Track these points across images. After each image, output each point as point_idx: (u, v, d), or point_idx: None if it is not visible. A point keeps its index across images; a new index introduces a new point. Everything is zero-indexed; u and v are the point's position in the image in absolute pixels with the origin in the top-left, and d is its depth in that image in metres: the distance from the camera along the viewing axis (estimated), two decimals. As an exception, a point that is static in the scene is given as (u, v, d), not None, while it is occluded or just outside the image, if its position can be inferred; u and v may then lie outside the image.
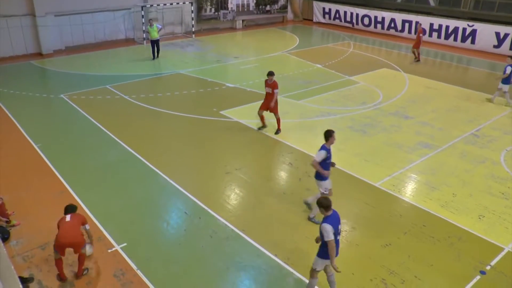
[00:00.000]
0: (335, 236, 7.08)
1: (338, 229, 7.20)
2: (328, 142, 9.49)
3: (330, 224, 7.01)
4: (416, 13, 29.74)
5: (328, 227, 6.97)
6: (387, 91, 18.74)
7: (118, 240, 9.14)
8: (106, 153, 12.99)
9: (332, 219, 7.11)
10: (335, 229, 7.06)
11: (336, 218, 7.18)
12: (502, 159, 13.02)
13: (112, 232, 9.40)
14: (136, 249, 8.90)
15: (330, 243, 6.98)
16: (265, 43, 28.38)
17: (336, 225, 7.13)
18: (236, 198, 10.90)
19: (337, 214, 7.29)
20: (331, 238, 6.96)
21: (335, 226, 7.07)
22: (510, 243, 9.33)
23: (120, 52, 25.50)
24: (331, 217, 7.13)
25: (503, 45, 25.78)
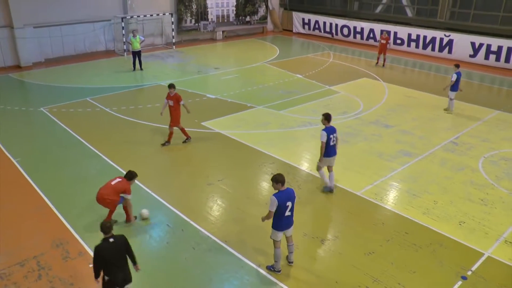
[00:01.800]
0: (284, 212, 8.02)
1: (286, 204, 8.00)
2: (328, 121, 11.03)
3: (277, 198, 7.87)
4: (394, 23, 30.23)
5: (274, 200, 7.88)
6: (367, 101, 18.94)
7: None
8: (86, 166, 12.85)
9: (282, 194, 7.95)
10: (282, 204, 7.93)
11: (286, 194, 8.01)
12: (480, 166, 13.24)
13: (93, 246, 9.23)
14: (118, 263, 8.78)
15: (269, 213, 8.03)
16: (246, 54, 28.50)
17: (285, 201, 7.97)
18: (218, 209, 10.86)
19: (291, 191, 8.15)
20: (271, 209, 7.95)
21: (282, 202, 7.92)
22: (489, 248, 9.47)
23: (101, 64, 25.33)
24: (282, 192, 7.98)
25: (478, 54, 26.35)
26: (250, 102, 18.43)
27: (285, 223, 8.23)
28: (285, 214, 8.10)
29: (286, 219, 8.19)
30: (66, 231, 9.77)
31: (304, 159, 13.61)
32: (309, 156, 13.77)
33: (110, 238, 7.03)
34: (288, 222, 8.27)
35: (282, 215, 8.07)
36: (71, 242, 9.39)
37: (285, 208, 8.03)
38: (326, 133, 10.86)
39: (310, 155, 13.86)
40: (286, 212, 8.08)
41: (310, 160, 13.47)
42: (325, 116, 10.99)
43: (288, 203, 8.04)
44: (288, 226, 8.32)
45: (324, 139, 10.84)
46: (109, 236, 7.05)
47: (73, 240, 9.43)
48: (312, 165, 13.06)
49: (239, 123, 16.23)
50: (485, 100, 19.70)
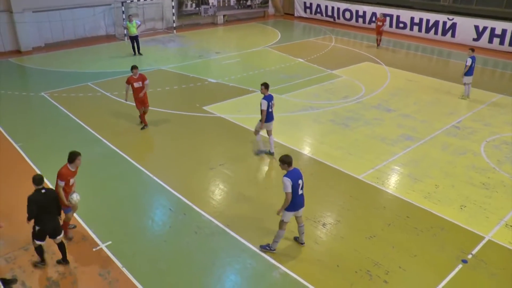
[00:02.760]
0: (297, 190, 8.11)
1: (298, 183, 8.12)
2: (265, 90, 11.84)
3: (289, 178, 7.96)
4: (397, 7, 29.95)
5: (287, 180, 7.95)
6: (369, 85, 18.86)
7: (103, 238, 9.06)
8: (88, 151, 12.82)
9: (292, 174, 8.06)
10: (294, 183, 8.00)
11: (296, 174, 8.13)
12: (482, 150, 13.23)
13: (96, 230, 9.32)
14: (121, 247, 8.84)
15: (287, 195, 8.00)
16: (247, 38, 28.33)
17: (296, 180, 8.07)
18: (220, 193, 10.89)
19: (298, 170, 8.26)
20: (288, 190, 7.97)
21: (294, 181, 8.01)
22: (490, 232, 9.50)
23: (101, 48, 25.21)
24: (291, 173, 8.08)
25: (482, 38, 26.15)
26: (252, 86, 18.37)
27: (299, 202, 8.33)
28: (299, 193, 8.23)
29: (300, 198, 8.32)
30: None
31: (306, 143, 13.60)
32: (310, 140, 13.76)
33: (42, 189, 7.64)
34: (301, 201, 8.40)
35: (296, 194, 8.17)
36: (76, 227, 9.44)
37: (297, 186, 8.15)
38: (266, 101, 11.82)
39: (311, 139, 13.86)
40: (299, 191, 8.21)
41: (312, 144, 13.47)
42: (264, 85, 11.93)
43: (299, 181, 8.18)
44: (302, 205, 8.45)
45: (264, 107, 11.78)
46: (41, 187, 7.64)
47: (77, 225, 9.47)
48: (314, 150, 13.07)
49: (241, 107, 16.19)
50: (488, 84, 19.61)
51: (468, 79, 17.06)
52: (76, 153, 8.50)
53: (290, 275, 8.16)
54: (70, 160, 8.47)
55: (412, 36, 29.02)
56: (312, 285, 7.93)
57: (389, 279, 8.13)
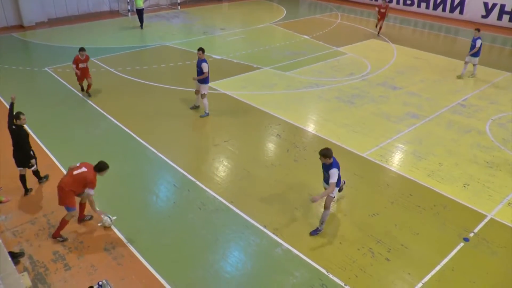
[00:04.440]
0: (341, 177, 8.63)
1: None
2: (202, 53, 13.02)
3: (337, 168, 8.23)
4: (404, -18, 29.49)
5: (336, 171, 8.18)
6: (375, 62, 18.70)
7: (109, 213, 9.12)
8: (93, 127, 12.89)
9: (337, 163, 8.35)
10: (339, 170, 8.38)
11: (338, 163, 8.42)
12: (487, 128, 13.17)
13: (101, 206, 9.36)
14: (126, 223, 8.93)
15: (332, 186, 8.19)
16: (252, 15, 28.03)
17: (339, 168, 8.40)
18: (224, 170, 10.93)
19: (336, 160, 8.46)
20: (334, 180, 8.17)
21: (339, 168, 8.39)
22: (492, 210, 9.53)
23: (105, 24, 25.03)
24: (336, 163, 8.36)
25: (491, 15, 25.77)
26: (257, 63, 18.25)
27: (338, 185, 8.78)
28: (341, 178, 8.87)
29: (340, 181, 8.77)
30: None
31: (310, 120, 13.57)
32: (315, 118, 13.73)
33: None
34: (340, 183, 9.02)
35: (340, 180, 8.67)
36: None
37: None
38: (207, 64, 13.03)
39: (316, 116, 13.82)
40: None
41: (316, 122, 13.44)
42: (202, 50, 13.07)
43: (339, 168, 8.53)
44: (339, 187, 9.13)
45: (206, 69, 12.94)
46: None
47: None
48: (318, 127, 13.05)
49: (245, 84, 16.13)
50: (496, 62, 19.41)
51: (476, 60, 16.87)
52: (107, 166, 8.32)
53: (293, 251, 8.24)
54: (99, 170, 8.30)
55: (419, 13, 28.61)
56: (314, 262, 8.01)
57: (391, 257, 8.20)
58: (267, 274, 7.81)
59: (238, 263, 8.00)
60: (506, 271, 7.99)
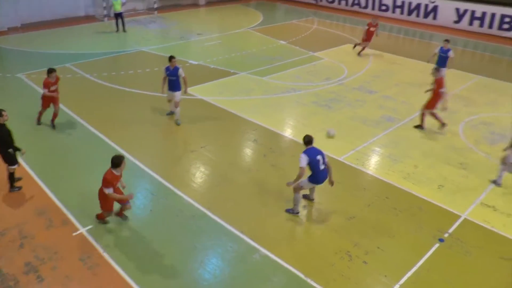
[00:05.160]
0: (317, 166, 8.75)
1: (316, 158, 8.73)
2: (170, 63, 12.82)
3: (306, 154, 8.67)
4: (379, -12, 29.91)
5: (302, 156, 8.66)
6: (351, 67, 18.89)
7: (83, 223, 8.99)
8: (68, 134, 12.69)
9: (309, 151, 8.76)
10: (313, 158, 8.69)
11: (313, 151, 8.80)
12: (461, 130, 13.40)
13: (76, 215, 9.24)
14: (102, 231, 8.80)
15: (300, 169, 8.64)
16: (229, 20, 28.06)
17: (314, 156, 8.73)
18: (201, 176, 10.87)
19: (316, 148, 8.88)
20: (301, 165, 8.63)
21: (312, 156, 8.69)
22: (466, 211, 9.70)
23: (80, 29, 24.72)
24: (308, 150, 8.77)
25: (463, 20, 26.34)
26: (233, 68, 18.26)
27: (322, 176, 8.95)
28: (320, 167, 8.81)
29: (322, 172, 8.91)
30: (49, 199, 9.71)
31: (287, 125, 13.62)
32: (292, 122, 13.78)
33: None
34: (324, 175, 9.00)
35: (317, 169, 8.81)
36: (54, 211, 9.35)
37: (317, 162, 8.75)
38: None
39: (293, 121, 13.88)
40: (320, 166, 8.79)
41: (293, 126, 13.50)
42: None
43: (318, 156, 8.77)
44: (325, 178, 9.05)
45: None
46: None
47: (56, 209, 9.39)
48: (296, 131, 13.10)
49: (222, 89, 16.11)
50: (468, 65, 19.78)
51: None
52: (121, 156, 8.26)
53: (271, 257, 8.23)
54: (115, 165, 8.19)
55: (395, 19, 29.05)
56: (292, 267, 8.01)
57: (368, 260, 8.25)
58: (245, 280, 7.78)
59: (216, 270, 7.95)
60: (480, 270, 8.13)
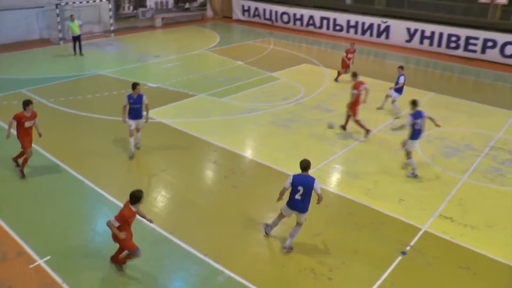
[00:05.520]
0: (294, 192, 8.53)
1: (297, 188, 8.49)
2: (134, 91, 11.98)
3: (292, 177, 8.59)
4: (333, 10, 30.70)
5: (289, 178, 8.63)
6: (308, 86, 19.19)
7: (41, 253, 8.65)
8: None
9: (297, 176, 8.59)
10: (295, 185, 8.50)
11: (301, 179, 8.55)
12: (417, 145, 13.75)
13: (34, 245, 8.88)
14: (62, 262, 8.49)
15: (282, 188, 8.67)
16: (186, 41, 28.11)
17: (298, 183, 8.49)
18: (163, 200, 10.72)
19: (307, 178, 8.57)
20: (285, 185, 8.63)
21: (296, 183, 8.50)
22: (426, 223, 9.95)
23: (36, 53, 24.15)
24: (298, 175, 8.60)
25: (414, 39, 27.32)
26: (192, 90, 18.24)
27: (293, 204, 8.68)
28: (295, 196, 8.58)
29: (295, 201, 8.63)
30: (2, 231, 9.33)
31: (247, 146, 13.66)
32: (251, 143, 13.84)
33: None
34: (296, 205, 8.66)
35: (292, 196, 8.61)
36: (8, 243, 8.97)
37: (295, 189, 8.54)
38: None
39: (252, 141, 13.94)
40: (295, 195, 8.56)
41: (253, 147, 13.55)
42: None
43: (299, 187, 8.49)
44: (295, 208, 8.71)
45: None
46: None
47: (11, 240, 9.01)
48: (255, 152, 13.16)
49: (181, 111, 16.03)
50: (421, 83, 20.46)
51: (397, 96, 16.23)
52: (141, 191, 7.84)
53: (235, 278, 8.15)
54: (134, 200, 7.72)
55: (349, 38, 29.70)
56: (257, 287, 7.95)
57: (333, 276, 8.30)
58: (210, 304, 7.66)
59: (180, 295, 7.81)
60: (441, 280, 8.34)
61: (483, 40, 24.71)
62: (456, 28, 25.63)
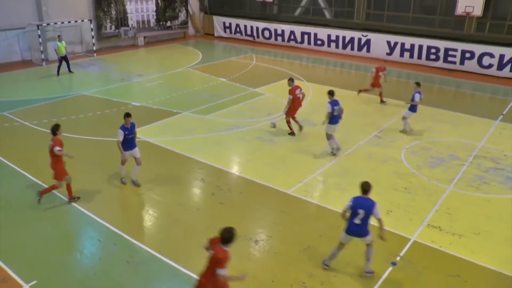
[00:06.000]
0: (353, 216, 8.30)
1: (357, 211, 8.26)
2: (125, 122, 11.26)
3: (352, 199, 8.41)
4: (314, 25, 31.02)
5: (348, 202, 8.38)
6: (293, 101, 19.23)
7: (27, 278, 8.46)
8: (7, 186, 12.08)
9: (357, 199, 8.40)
10: (355, 208, 8.27)
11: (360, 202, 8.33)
12: (403, 156, 13.90)
13: (19, 270, 8.69)
14: (48, 285, 8.34)
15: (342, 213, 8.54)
16: (168, 59, 28.15)
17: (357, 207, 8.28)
18: (150, 219, 10.62)
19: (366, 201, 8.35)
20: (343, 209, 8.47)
21: (355, 206, 8.28)
22: (415, 233, 10.00)
23: (17, 74, 23.93)
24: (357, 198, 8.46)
25: (394, 52, 27.70)
26: (176, 108, 18.21)
27: (352, 230, 8.39)
28: (354, 221, 8.28)
29: (353, 226, 8.34)
30: (-14, 255, 9.15)
31: (233, 162, 13.64)
32: (237, 159, 13.83)
33: None
34: (355, 229, 8.37)
35: (351, 220, 8.32)
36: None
37: (356, 213, 8.26)
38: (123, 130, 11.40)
39: (238, 157, 13.93)
40: (355, 219, 8.27)
41: (239, 163, 13.54)
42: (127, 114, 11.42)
43: (359, 210, 8.22)
44: (354, 233, 8.42)
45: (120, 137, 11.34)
46: None
47: (-5, 265, 8.85)
48: (242, 168, 13.15)
49: (166, 130, 15.97)
50: (403, 94, 20.63)
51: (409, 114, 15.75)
52: (233, 229, 7.01)
53: (227, 295, 8.06)
54: (227, 241, 6.90)
55: (330, 53, 30.15)
56: (249, 303, 7.88)
57: (324, 290, 8.27)
58: (202, 323, 7.54)
59: (171, 314, 7.70)
60: (433, 291, 8.34)
61: (461, 52, 25.18)
62: (435, 40, 26.07)
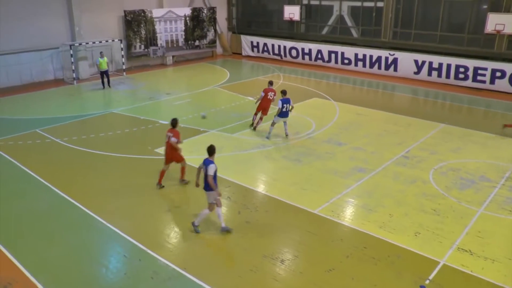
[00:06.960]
0: None
1: None
2: (212, 156, 10.53)
3: None
4: (341, 44, 31.06)
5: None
6: (319, 120, 19.27)
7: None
8: (37, 200, 12.35)
9: None
10: None
11: None
12: (431, 177, 13.67)
13: (46, 283, 8.86)
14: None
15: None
16: (196, 78, 28.52)
17: None
18: (176, 236, 10.67)
19: None
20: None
21: None
22: (444, 256, 9.73)
23: (50, 93, 24.63)
24: None
25: (422, 71, 27.44)
26: (203, 126, 18.39)
27: None
28: None
29: None
30: (16, 269, 9.31)
31: (260, 181, 13.64)
32: (264, 178, 13.82)
33: None
34: None
35: None
36: (21, 282, 8.94)
37: None
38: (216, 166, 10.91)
39: (265, 176, 13.92)
40: None
41: (266, 182, 13.53)
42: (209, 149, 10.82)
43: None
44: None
45: None
46: None
47: (24, 279, 8.98)
48: (268, 187, 13.13)
49: (193, 148, 16.11)
50: (431, 114, 20.46)
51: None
52: None
53: (252, 315, 8.02)
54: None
55: (357, 72, 30.08)
56: (274, 324, 7.81)
57: (350, 312, 8.13)
58: None
59: (195, 333, 7.68)
60: (463, 317, 8.10)
61: (491, 71, 24.77)
62: (464, 59, 25.71)
